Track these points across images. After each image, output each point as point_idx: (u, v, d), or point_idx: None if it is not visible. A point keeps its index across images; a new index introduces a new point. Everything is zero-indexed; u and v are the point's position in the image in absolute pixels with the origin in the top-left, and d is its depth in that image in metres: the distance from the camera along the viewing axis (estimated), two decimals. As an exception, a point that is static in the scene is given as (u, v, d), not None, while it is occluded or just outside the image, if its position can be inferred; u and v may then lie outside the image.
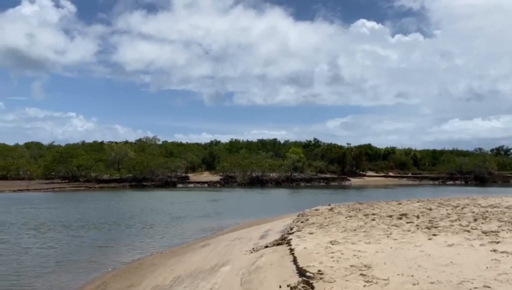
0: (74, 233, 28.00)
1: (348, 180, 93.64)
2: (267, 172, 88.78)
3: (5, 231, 28.09)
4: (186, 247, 21.30)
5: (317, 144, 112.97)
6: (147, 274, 15.04)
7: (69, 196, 59.32)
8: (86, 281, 16.75)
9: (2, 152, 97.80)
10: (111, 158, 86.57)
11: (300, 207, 41.77)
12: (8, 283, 16.07)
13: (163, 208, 43.74)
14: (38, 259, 20.37)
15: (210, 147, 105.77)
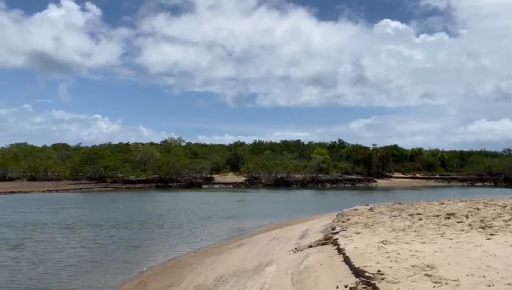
0: (105, 232, 28.07)
1: (374, 182, 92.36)
2: (292, 173, 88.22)
3: (40, 231, 28.31)
4: (221, 246, 21.02)
5: (342, 145, 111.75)
6: (186, 273, 14.78)
7: (97, 197, 59.89)
8: (123, 280, 16.62)
9: (30, 154, 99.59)
10: (137, 159, 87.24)
11: (330, 207, 41.31)
12: (46, 284, 16.04)
13: (190, 208, 43.68)
14: (73, 258, 20.37)
15: (235, 148, 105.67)
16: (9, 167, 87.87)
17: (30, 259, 19.79)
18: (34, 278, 16.64)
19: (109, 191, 70.86)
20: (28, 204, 47.08)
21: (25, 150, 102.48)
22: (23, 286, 15.75)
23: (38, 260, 19.59)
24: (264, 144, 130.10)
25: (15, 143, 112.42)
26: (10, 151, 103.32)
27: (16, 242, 23.79)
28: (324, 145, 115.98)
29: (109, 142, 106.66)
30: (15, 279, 16.57)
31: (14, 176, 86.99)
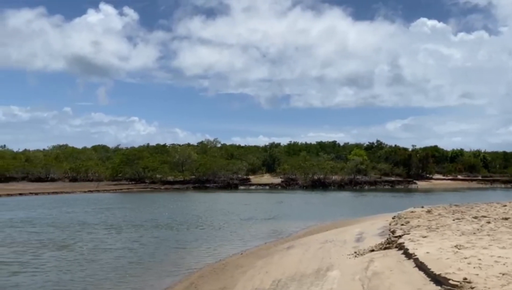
0: (149, 233, 28.08)
1: (414, 183, 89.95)
2: (329, 174, 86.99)
3: (85, 231, 28.60)
4: (268, 248, 20.56)
5: (380, 146, 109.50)
6: (238, 276, 14.36)
7: (137, 197, 60.55)
8: (172, 282, 16.35)
9: (71, 155, 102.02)
10: (175, 160, 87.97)
11: (374, 210, 40.29)
12: (96, 287, 15.95)
13: (230, 209, 43.46)
14: (121, 259, 20.31)
15: (270, 149, 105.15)
16: (51, 168, 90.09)
17: (78, 260, 19.84)
18: (83, 281, 16.60)
19: (148, 192, 71.64)
20: (72, 204, 47.94)
21: (66, 152, 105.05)
22: (75, 288, 15.71)
23: (86, 261, 19.62)
24: (299, 145, 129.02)
25: (57, 145, 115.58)
26: (52, 152, 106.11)
27: (63, 243, 24.01)
28: (361, 146, 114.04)
29: (147, 144, 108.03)
30: (65, 281, 16.57)
31: (56, 177, 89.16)
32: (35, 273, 17.40)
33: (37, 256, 20.60)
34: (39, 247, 22.68)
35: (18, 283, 15.99)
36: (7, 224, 31.51)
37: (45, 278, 16.65)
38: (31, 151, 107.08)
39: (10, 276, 16.96)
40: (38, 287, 15.59)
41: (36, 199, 53.91)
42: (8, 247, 22.67)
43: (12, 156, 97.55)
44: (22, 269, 17.99)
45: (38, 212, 39.91)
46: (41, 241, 24.41)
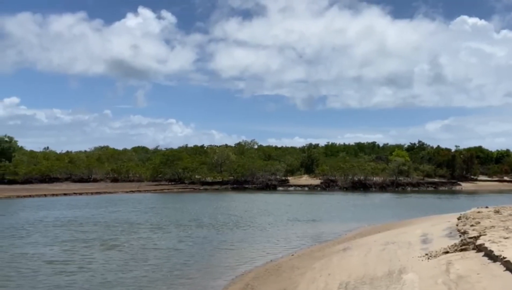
0: (194, 233, 27.89)
1: (458, 185, 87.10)
2: (370, 176, 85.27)
3: (133, 231, 28.73)
4: (321, 250, 19.89)
5: (422, 147, 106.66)
6: (296, 278, 13.78)
7: (178, 197, 60.85)
8: (225, 283, 15.92)
9: (112, 156, 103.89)
10: (214, 161, 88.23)
11: (423, 211, 38.99)
12: (152, 286, 15.72)
13: (272, 210, 42.96)
14: (171, 259, 20.13)
15: (309, 150, 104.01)
16: (93, 169, 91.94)
17: (129, 259, 19.77)
18: (138, 281, 16.43)
19: (188, 192, 72.00)
20: (116, 204, 48.52)
21: (107, 153, 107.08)
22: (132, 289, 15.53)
23: (137, 261, 19.51)
24: (337, 146, 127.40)
25: (98, 146, 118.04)
26: (94, 154, 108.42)
27: (113, 242, 24.06)
28: (401, 147, 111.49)
29: (185, 145, 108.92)
30: (120, 281, 16.42)
31: (98, 177, 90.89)
32: (88, 272, 17.37)
33: (89, 255, 20.65)
34: (90, 247, 22.78)
35: (73, 282, 15.93)
36: (56, 223, 32.00)
37: (100, 277, 16.57)
38: (73, 153, 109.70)
39: (65, 275, 16.96)
40: (94, 286, 15.48)
41: (81, 199, 54.93)
42: (60, 246, 22.87)
43: (56, 158, 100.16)
44: (76, 268, 18.00)
45: (85, 211, 40.51)
46: (90, 240, 24.55)
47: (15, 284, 15.61)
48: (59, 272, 17.29)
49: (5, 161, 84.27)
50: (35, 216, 36.16)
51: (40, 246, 22.71)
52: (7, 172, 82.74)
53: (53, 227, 29.88)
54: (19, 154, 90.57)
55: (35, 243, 23.58)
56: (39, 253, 20.83)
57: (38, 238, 25.35)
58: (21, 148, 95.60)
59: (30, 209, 42.08)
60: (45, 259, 19.58)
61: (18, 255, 20.39)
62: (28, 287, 15.26)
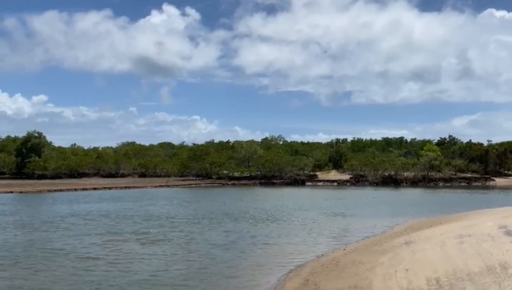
0: (234, 227, 27.29)
1: (492, 180, 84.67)
2: (400, 171, 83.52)
3: (175, 224, 28.36)
4: (378, 244, 18.88)
5: (453, 142, 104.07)
6: (365, 273, 12.83)
7: (208, 192, 60.34)
8: (279, 279, 14.99)
9: (139, 152, 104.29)
10: (241, 156, 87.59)
11: (469, 206, 37.65)
12: (210, 280, 15.01)
13: (307, 204, 42.01)
14: (218, 253, 19.46)
15: (337, 146, 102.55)
16: (121, 164, 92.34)
17: (179, 253, 19.26)
18: (194, 274, 15.78)
19: (216, 187, 71.54)
20: (150, 198, 48.28)
21: (134, 149, 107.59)
22: (192, 283, 14.84)
23: (186, 255, 18.93)
24: (364, 142, 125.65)
25: (125, 142, 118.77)
26: (121, 149, 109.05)
27: (158, 236, 23.64)
28: (430, 142, 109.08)
29: (212, 140, 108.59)
30: (176, 274, 15.80)
31: (126, 172, 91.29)
32: (143, 263, 16.86)
33: (140, 248, 20.22)
34: (137, 240, 22.35)
35: (123, 276, 15.31)
36: (95, 216, 31.74)
37: (149, 271, 15.96)
38: (101, 149, 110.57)
39: (119, 269, 16.38)
40: (154, 277, 14.84)
41: (112, 193, 54.86)
42: (105, 239, 22.39)
43: (84, 153, 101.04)
44: (129, 261, 17.43)
45: (121, 205, 40.25)
46: (136, 233, 24.15)
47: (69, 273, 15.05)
48: (110, 264, 16.72)
49: (35, 157, 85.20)
50: (75, 209, 36.01)
51: (86, 238, 22.29)
52: (37, 167, 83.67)
53: (98, 219, 29.51)
54: (48, 150, 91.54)
55: (81, 235, 23.16)
56: (86, 247, 20.36)
57: (83, 230, 24.98)
58: (50, 144, 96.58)
59: (65, 203, 42.03)
60: (93, 255, 19.08)
61: (65, 249, 19.93)
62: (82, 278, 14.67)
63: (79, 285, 13.93)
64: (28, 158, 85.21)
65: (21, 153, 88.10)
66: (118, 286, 13.81)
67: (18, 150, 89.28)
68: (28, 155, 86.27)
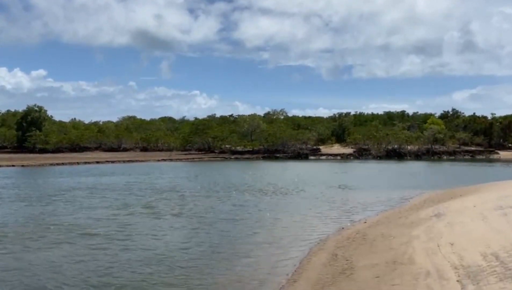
0: (247, 200, 26.77)
1: (496, 153, 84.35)
2: (404, 144, 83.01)
3: (191, 197, 27.68)
4: (401, 216, 18.35)
5: (457, 115, 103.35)
6: (401, 248, 12.26)
7: (213, 166, 59.77)
8: (303, 252, 14.42)
9: (141, 126, 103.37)
10: (244, 129, 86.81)
11: (481, 179, 37.20)
12: (241, 252, 14.46)
13: (316, 178, 41.45)
14: (237, 226, 18.99)
15: (340, 119, 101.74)
16: (123, 138, 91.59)
17: (200, 227, 18.68)
18: (225, 246, 15.23)
19: (219, 161, 70.98)
20: (155, 171, 47.75)
21: (135, 123, 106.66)
22: (221, 256, 14.29)
23: (206, 228, 18.39)
24: (366, 116, 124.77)
25: (126, 116, 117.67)
26: (122, 123, 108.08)
27: (176, 209, 23.20)
28: (432, 116, 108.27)
29: (213, 114, 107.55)
30: (205, 246, 15.24)
31: (128, 146, 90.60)
32: (157, 239, 16.32)
33: (152, 222, 19.70)
34: (148, 214, 21.78)
35: (144, 249, 14.74)
36: (101, 189, 31.16)
37: (170, 244, 15.41)
38: (102, 123, 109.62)
39: (148, 239, 15.81)
40: (170, 252, 14.27)
41: (115, 167, 54.27)
42: (122, 211, 21.80)
43: (85, 127, 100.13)
44: (143, 236, 16.88)
45: (126, 178, 39.72)
46: (146, 207, 23.61)
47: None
48: (120, 240, 16.17)
49: (36, 131, 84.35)
50: (80, 182, 35.41)
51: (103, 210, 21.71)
52: (38, 141, 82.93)
53: (100, 193, 28.98)
54: (48, 124, 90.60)
55: (88, 209, 22.58)
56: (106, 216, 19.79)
57: (90, 204, 24.39)
58: (51, 118, 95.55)
59: (69, 176, 41.42)
60: (102, 231, 18.52)
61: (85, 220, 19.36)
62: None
63: (90, 262, 13.31)
64: (29, 132, 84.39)
65: (22, 127, 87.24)
66: (132, 263, 13.17)
67: (19, 124, 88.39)
68: (28, 129, 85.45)
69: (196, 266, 12.68)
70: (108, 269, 12.37)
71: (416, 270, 9.23)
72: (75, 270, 12.26)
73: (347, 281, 9.70)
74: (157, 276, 11.76)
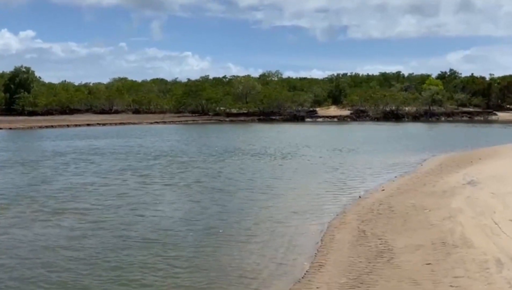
0: (253, 163, 25.41)
1: (494, 114, 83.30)
2: (401, 106, 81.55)
3: (198, 161, 26.22)
4: (422, 184, 17.08)
5: (454, 76, 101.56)
6: (443, 223, 10.94)
7: (207, 129, 58.18)
8: (323, 225, 13.10)
9: (132, 88, 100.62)
10: (238, 91, 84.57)
11: (489, 140, 36.07)
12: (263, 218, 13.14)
13: (318, 140, 40.05)
14: (249, 193, 17.58)
15: (337, 81, 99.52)
16: (114, 100, 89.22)
17: (214, 191, 17.27)
18: (247, 214, 13.86)
19: (214, 124, 69.32)
20: (154, 134, 46.17)
21: (126, 85, 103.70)
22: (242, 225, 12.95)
23: (218, 194, 17.00)
24: (361, 77, 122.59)
25: (117, 78, 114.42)
26: (113, 85, 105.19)
27: (172, 176, 21.64)
28: (429, 76, 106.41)
29: (206, 75, 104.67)
30: (220, 213, 13.88)
31: (120, 109, 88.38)
32: (168, 206, 14.90)
33: (159, 189, 18.17)
34: (149, 180, 20.30)
35: (150, 218, 13.35)
36: (93, 153, 29.54)
37: (179, 213, 14.02)
38: (92, 84, 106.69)
39: (138, 214, 14.44)
40: (182, 221, 12.93)
41: (106, 129, 52.60)
42: (121, 177, 20.33)
43: (75, 89, 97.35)
44: (145, 204, 15.48)
45: (120, 141, 38.16)
46: (141, 174, 22.09)
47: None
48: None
49: (24, 92, 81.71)
50: (72, 145, 33.68)
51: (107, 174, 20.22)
52: (26, 103, 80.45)
53: (93, 157, 27.38)
54: (37, 86, 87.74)
55: (83, 174, 21.06)
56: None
57: (85, 169, 22.84)
58: (39, 80, 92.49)
59: (59, 139, 39.59)
60: (102, 199, 17.08)
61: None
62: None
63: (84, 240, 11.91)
64: (17, 94, 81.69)
65: (10, 89, 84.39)
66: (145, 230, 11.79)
67: (6, 86, 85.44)
68: (16, 91, 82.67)
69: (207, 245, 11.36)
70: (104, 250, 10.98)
71: (480, 257, 7.75)
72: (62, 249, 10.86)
73: (390, 268, 8.15)
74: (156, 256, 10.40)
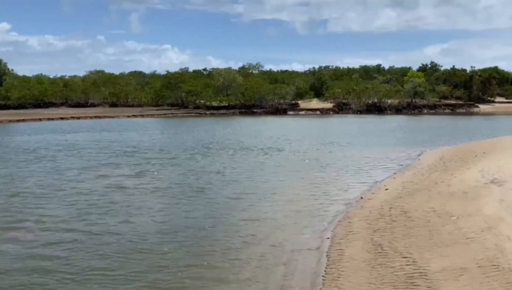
0: (242, 158, 23.75)
1: (476, 107, 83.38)
2: (384, 98, 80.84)
3: (185, 155, 24.46)
4: (438, 181, 15.60)
5: (435, 68, 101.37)
6: (483, 236, 9.43)
7: (187, 122, 56.30)
8: (327, 228, 11.61)
9: (109, 81, 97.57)
10: (219, 84, 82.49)
11: (478, 134, 35.19)
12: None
13: (304, 134, 38.67)
14: (247, 188, 15.95)
15: (319, 73, 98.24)
16: (90, 94, 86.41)
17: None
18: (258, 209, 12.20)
19: (194, 117, 67.49)
20: (132, 128, 44.21)
21: (103, 77, 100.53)
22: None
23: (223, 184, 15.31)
24: (342, 70, 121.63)
25: (94, 70, 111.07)
26: (89, 78, 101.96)
27: (153, 171, 19.81)
28: (408, 69, 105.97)
29: (186, 68, 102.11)
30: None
31: (96, 102, 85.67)
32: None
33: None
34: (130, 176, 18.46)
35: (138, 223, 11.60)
36: (65, 147, 27.50)
37: (168, 212, 12.26)
38: (68, 77, 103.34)
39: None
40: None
41: (82, 123, 50.39)
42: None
43: (50, 82, 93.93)
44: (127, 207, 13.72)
45: (95, 135, 35.98)
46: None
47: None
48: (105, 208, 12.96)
49: (-5, 86, 78.34)
50: (46, 140, 31.47)
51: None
52: (-2, 97, 77.13)
53: (64, 152, 25.37)
54: (10, 79, 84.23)
55: (55, 171, 19.09)
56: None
57: (56, 165, 20.85)
58: (12, 72, 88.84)
59: (32, 133, 37.27)
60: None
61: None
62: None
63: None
64: (-13, 87, 78.24)
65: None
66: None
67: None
68: (-13, 84, 79.23)
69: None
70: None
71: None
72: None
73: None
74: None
